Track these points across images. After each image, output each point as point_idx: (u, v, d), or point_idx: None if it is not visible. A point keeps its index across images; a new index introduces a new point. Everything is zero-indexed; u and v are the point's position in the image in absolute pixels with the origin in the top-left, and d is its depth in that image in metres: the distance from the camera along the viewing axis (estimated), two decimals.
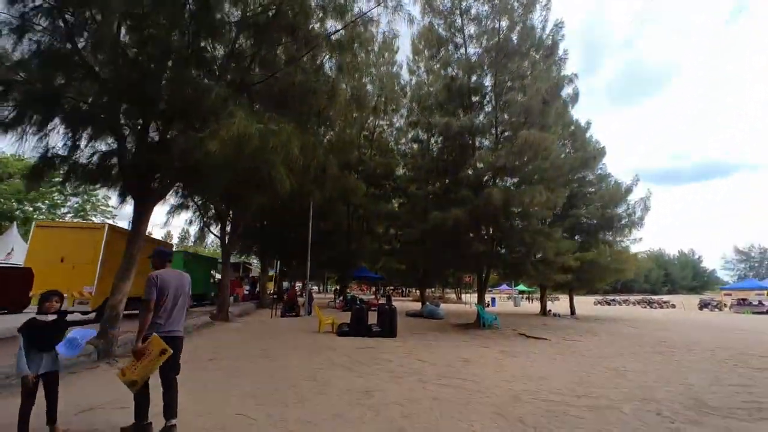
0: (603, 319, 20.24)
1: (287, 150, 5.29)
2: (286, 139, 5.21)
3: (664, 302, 37.33)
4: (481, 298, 13.19)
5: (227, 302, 12.74)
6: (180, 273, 3.75)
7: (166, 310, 3.42)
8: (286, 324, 12.79)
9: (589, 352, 8.78)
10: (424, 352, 7.99)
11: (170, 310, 3.45)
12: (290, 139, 5.26)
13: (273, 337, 9.66)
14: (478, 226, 11.69)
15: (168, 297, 3.43)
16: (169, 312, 3.45)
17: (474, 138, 13.00)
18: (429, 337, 10.45)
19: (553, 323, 16.09)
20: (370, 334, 10.18)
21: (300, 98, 7.36)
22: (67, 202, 34.33)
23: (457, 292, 44.17)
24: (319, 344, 8.64)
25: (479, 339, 10.38)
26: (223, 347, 7.86)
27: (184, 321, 3.65)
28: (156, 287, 3.36)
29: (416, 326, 13.22)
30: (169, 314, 3.44)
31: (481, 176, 11.33)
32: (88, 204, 35.38)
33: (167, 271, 3.63)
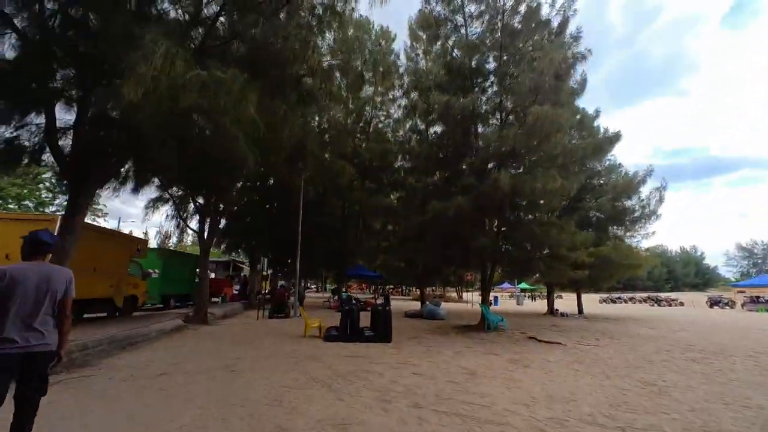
0: (613, 318, 19.05)
1: (240, 109, 4.10)
2: (238, 94, 4.02)
3: (672, 300, 36.15)
4: (486, 297, 12.00)
5: (205, 303, 11.55)
6: (51, 268, 2.55)
7: (16, 315, 2.25)
8: (272, 327, 11.60)
9: (612, 360, 7.59)
10: (421, 362, 6.80)
11: (24, 317, 2.28)
12: (244, 94, 4.07)
13: (250, 342, 8.47)
14: (483, 217, 10.49)
15: (17, 299, 2.26)
16: (23, 319, 2.28)
17: (476, 122, 11.78)
18: (428, 342, 9.26)
19: (562, 324, 14.90)
20: (361, 339, 9.00)
21: (270, 60, 6.13)
22: (55, 200, 33.26)
23: (458, 290, 42.98)
24: (300, 352, 7.45)
25: (485, 344, 9.19)
26: (184, 357, 6.67)
27: (53, 329, 2.46)
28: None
29: (414, 329, 12.03)
30: (22, 322, 2.27)
31: (485, 162, 10.11)
32: None
33: (27, 265, 2.44)
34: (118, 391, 4.66)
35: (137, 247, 11.77)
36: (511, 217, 10.51)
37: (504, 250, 10.10)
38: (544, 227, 9.71)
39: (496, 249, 10.20)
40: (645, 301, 40.83)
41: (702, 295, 50.49)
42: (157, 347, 7.58)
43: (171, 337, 8.91)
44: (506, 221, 10.62)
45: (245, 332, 10.23)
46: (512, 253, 10.36)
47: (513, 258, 10.73)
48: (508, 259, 11.17)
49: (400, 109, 23.35)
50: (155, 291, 14.57)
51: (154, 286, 14.60)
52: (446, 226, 10.18)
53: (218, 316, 13.20)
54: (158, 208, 13.95)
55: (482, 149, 9.59)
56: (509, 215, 10.53)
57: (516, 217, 10.50)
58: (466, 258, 12.06)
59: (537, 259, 10.78)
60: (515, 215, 10.55)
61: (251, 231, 19.34)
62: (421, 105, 17.03)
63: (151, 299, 14.57)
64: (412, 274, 23.75)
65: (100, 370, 5.66)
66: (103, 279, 10.07)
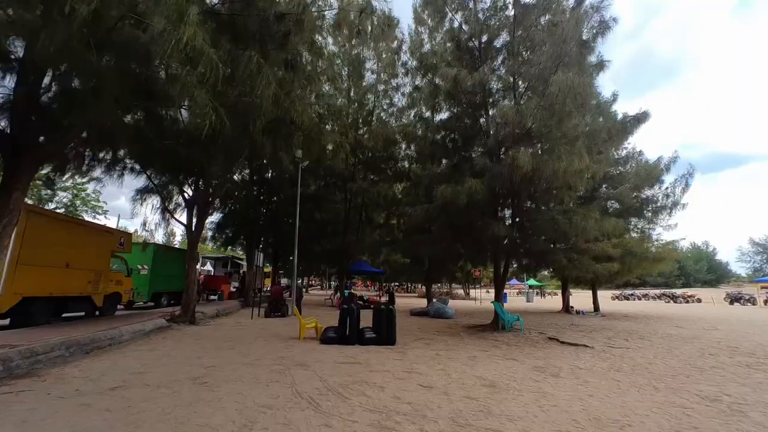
0: (634, 316, 17.86)
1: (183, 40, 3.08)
2: (176, 18, 3.00)
3: (689, 296, 34.67)
4: (499, 294, 10.91)
5: (193, 301, 10.62)
6: None
7: None
8: (266, 327, 10.64)
9: (654, 366, 6.50)
10: (430, 371, 5.77)
11: None
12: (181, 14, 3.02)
13: (236, 346, 7.50)
14: (498, 203, 9.40)
15: None
16: None
17: (487, 101, 10.67)
18: (437, 345, 8.23)
19: (581, 323, 13.77)
20: (361, 341, 8.01)
21: (255, 20, 5.12)
22: (54, 196, 32.74)
23: (465, 287, 41.86)
24: (290, 358, 6.46)
25: (501, 347, 8.13)
26: (152, 365, 5.71)
27: None
28: None
29: (421, 329, 11.00)
30: None
31: (500, 143, 8.97)
32: (78, 199, 33.82)
33: None
34: (49, 412, 3.69)
35: (119, 240, 10.86)
36: (529, 203, 9.39)
37: (520, 240, 8.99)
38: (567, 214, 8.59)
39: (512, 239, 9.10)
40: (659, 298, 39.34)
41: (716, 291, 48.87)
42: (126, 352, 6.63)
43: (148, 339, 7.97)
44: (523, 208, 9.50)
45: (234, 333, 9.28)
46: (530, 245, 9.26)
47: (530, 250, 9.62)
48: (525, 252, 10.06)
49: (404, 98, 22.25)
50: (145, 288, 13.70)
51: (144, 282, 13.74)
52: (456, 215, 9.11)
53: (209, 315, 12.28)
54: (146, 200, 13.02)
55: (498, 126, 8.46)
56: (527, 201, 9.43)
57: (535, 203, 9.37)
58: (478, 251, 11.00)
59: (558, 251, 9.67)
60: (533, 201, 9.43)
61: (248, 225, 18.41)
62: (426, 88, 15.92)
63: (140, 297, 13.71)
64: (417, 270, 22.72)
65: (43, 381, 4.71)
66: (78, 275, 9.16)
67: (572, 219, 8.42)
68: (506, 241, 9.25)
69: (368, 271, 22.69)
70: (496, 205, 9.78)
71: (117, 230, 11.19)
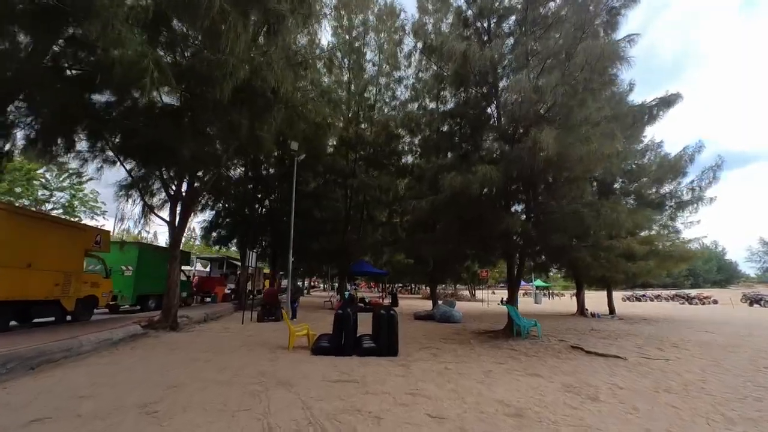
0: (654, 319, 16.68)
1: None
2: None
3: (704, 298, 33.31)
4: (513, 295, 9.83)
5: (175, 305, 9.65)
6: None
7: None
8: (255, 333, 9.65)
9: (708, 384, 5.41)
10: (439, 392, 4.73)
11: None
12: None
13: (213, 358, 6.50)
14: (511, 195, 8.35)
15: None
16: None
17: (498, 84, 9.64)
18: (445, 355, 7.18)
19: (601, 327, 12.64)
20: (359, 352, 6.99)
21: None
22: (52, 197, 32.07)
23: (471, 288, 40.70)
24: (272, 374, 5.44)
25: (520, 358, 7.06)
26: (104, 385, 4.72)
27: None
28: None
29: (426, 335, 9.95)
30: None
31: (514, 126, 7.89)
32: (76, 200, 33.10)
33: None
34: None
35: (95, 238, 9.90)
36: (549, 193, 8.31)
37: (537, 236, 7.90)
38: (592, 206, 7.52)
39: (528, 235, 8.02)
40: (672, 299, 38.00)
41: (727, 292, 47.46)
42: (81, 367, 5.64)
43: (115, 350, 6.98)
44: (540, 199, 8.43)
45: (217, 342, 8.28)
46: (548, 241, 8.14)
47: (548, 247, 8.53)
48: (542, 249, 8.98)
49: (407, 90, 21.26)
50: (129, 291, 12.76)
51: (128, 285, 12.80)
52: (465, 208, 8.06)
53: (195, 320, 11.31)
54: (131, 196, 12.09)
55: (513, 106, 7.38)
56: (544, 192, 8.36)
57: (553, 195, 8.29)
58: (486, 249, 9.94)
59: (581, 248, 8.59)
60: (552, 192, 8.34)
61: (243, 224, 17.46)
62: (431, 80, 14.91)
63: (124, 300, 12.77)
64: (421, 270, 21.67)
65: None
66: (43, 277, 8.21)
67: (600, 211, 7.35)
68: (521, 237, 8.19)
69: (370, 272, 21.68)
70: (510, 197, 8.73)
71: (92, 227, 10.27)
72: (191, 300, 17.40)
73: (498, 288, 56.80)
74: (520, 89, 6.87)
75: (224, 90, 5.08)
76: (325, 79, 18.40)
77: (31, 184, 29.40)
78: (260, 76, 5.53)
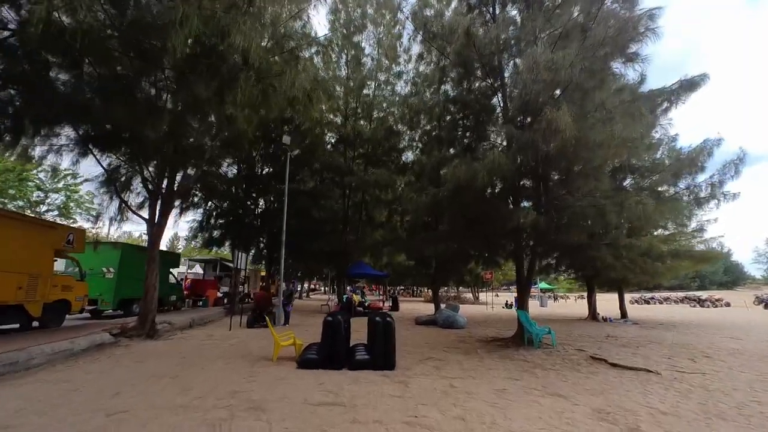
0: (672, 324, 15.73)
1: None
2: None
3: (716, 300, 32.21)
4: (524, 299, 8.93)
5: (152, 310, 8.81)
6: None
7: None
8: (240, 342, 8.80)
9: (766, 407, 4.51)
10: (443, 420, 3.87)
11: None
12: None
13: (182, 373, 5.64)
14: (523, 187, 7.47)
15: None
16: None
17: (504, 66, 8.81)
18: (449, 369, 6.30)
19: (617, 333, 11.71)
20: (351, 364, 6.13)
21: None
22: (47, 198, 31.41)
23: (474, 291, 39.72)
24: (246, 395, 4.58)
25: (536, 372, 6.17)
26: (33, 412, 3.87)
27: None
28: None
29: (428, 343, 9.07)
30: None
31: (525, 105, 6.99)
32: (71, 201, 32.40)
33: None
34: None
35: (67, 237, 9.08)
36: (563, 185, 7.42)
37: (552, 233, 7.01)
38: (614, 198, 6.64)
39: (541, 231, 7.13)
40: (682, 302, 36.90)
41: (736, 294, 46.30)
42: (20, 386, 4.80)
43: (73, 363, 6.14)
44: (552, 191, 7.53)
45: (195, 352, 7.42)
46: (564, 238, 7.23)
47: (564, 245, 7.62)
48: (556, 247, 8.08)
49: (407, 86, 20.46)
50: (110, 294, 11.94)
51: (109, 288, 11.98)
52: (470, 202, 7.19)
53: (178, 326, 10.46)
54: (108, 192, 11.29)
55: (525, 82, 6.52)
56: (560, 182, 7.47)
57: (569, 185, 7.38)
58: (495, 246, 9.05)
59: (600, 246, 7.72)
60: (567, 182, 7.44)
61: (236, 224, 16.64)
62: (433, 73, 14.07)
63: (105, 305, 11.95)
64: (423, 272, 20.78)
65: None
66: (2, 279, 7.39)
67: (624, 203, 6.48)
68: (534, 235, 7.32)
69: (369, 274, 20.79)
70: (519, 191, 7.83)
71: (63, 225, 9.47)
72: (181, 304, 16.58)
73: (501, 290, 55.81)
74: (532, 65, 6.01)
75: (176, 45, 4.22)
76: (321, 73, 17.64)
77: (24, 185, 28.74)
78: (219, 30, 4.70)
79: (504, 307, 27.76)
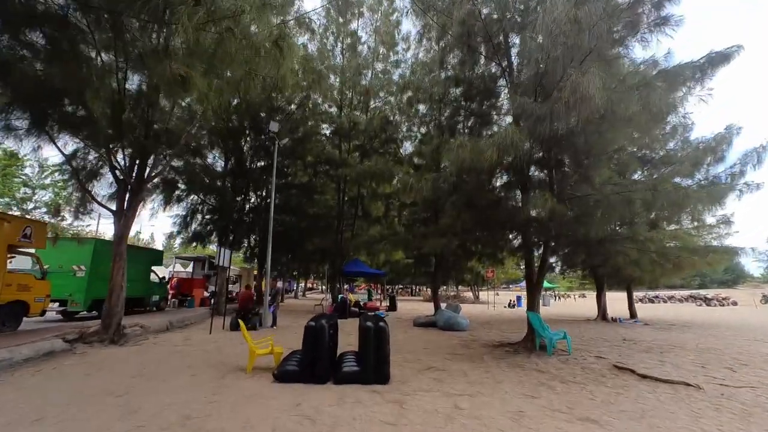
0: (683, 324, 14.86)
1: None
2: None
3: (723, 299, 31.39)
4: (535, 300, 7.99)
5: (118, 312, 7.86)
6: None
7: None
8: (217, 348, 7.85)
9: None
10: None
11: None
12: None
13: (132, 390, 4.69)
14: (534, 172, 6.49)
15: None
16: None
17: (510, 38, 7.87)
18: (452, 382, 5.36)
19: (633, 336, 10.81)
20: (337, 377, 5.19)
21: None
22: (34, 195, 30.33)
23: (475, 289, 38.81)
24: (200, 424, 3.64)
25: (555, 387, 5.23)
26: None
27: None
28: None
29: (427, 349, 8.14)
30: None
31: (534, 80, 6.03)
32: (59, 198, 31.33)
33: None
34: None
35: (23, 231, 8.11)
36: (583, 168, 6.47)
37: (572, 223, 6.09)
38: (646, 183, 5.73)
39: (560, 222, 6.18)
40: (686, 300, 36.10)
41: (736, 292, 45.65)
42: None
43: (9, 375, 5.18)
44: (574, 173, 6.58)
45: (161, 361, 6.47)
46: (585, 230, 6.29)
47: (585, 238, 6.64)
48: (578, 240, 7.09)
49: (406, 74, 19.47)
50: (80, 294, 10.97)
51: (79, 287, 11.02)
52: (476, 187, 6.25)
53: (153, 329, 9.49)
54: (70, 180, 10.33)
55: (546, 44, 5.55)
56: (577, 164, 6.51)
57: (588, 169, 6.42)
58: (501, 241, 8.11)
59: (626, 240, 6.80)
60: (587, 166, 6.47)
61: (222, 219, 15.66)
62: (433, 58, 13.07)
63: (75, 305, 10.99)
64: (422, 271, 19.85)
65: None
66: None
67: (656, 189, 5.55)
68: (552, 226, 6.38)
69: (366, 273, 19.85)
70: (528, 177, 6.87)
71: (18, 217, 8.52)
72: (165, 304, 15.63)
73: (502, 289, 54.90)
74: (551, 24, 5.06)
75: None
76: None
77: (9, 182, 27.68)
78: None
79: (506, 306, 26.85)
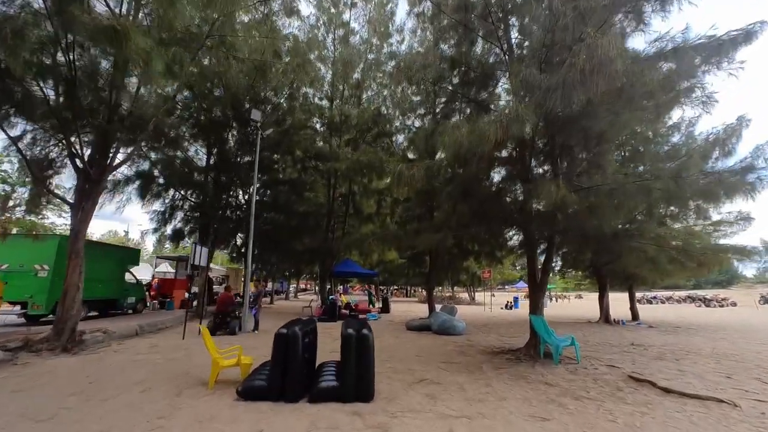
0: (688, 326, 14.23)
1: None
2: None
3: (722, 300, 30.99)
4: (538, 302, 7.24)
5: (72, 317, 6.99)
6: None
7: None
8: (185, 356, 7.02)
9: None
10: None
11: None
12: None
13: (69, 410, 3.87)
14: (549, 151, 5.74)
15: None
16: None
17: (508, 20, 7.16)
18: (448, 399, 4.58)
19: (641, 340, 10.14)
20: (312, 394, 4.40)
21: None
22: (13, 193, 29.11)
23: (470, 290, 38.11)
24: None
25: (566, 404, 4.47)
26: None
27: None
28: None
29: (420, 356, 7.36)
30: None
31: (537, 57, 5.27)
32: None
33: None
34: None
35: None
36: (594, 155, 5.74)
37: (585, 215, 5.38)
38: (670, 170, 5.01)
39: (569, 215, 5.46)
40: (684, 301, 35.71)
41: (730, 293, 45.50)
42: None
43: None
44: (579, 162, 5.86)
45: (114, 372, 5.63)
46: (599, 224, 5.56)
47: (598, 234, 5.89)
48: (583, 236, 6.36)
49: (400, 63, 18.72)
50: (42, 296, 10.07)
51: (42, 288, 10.12)
52: (475, 175, 5.50)
53: (119, 335, 8.62)
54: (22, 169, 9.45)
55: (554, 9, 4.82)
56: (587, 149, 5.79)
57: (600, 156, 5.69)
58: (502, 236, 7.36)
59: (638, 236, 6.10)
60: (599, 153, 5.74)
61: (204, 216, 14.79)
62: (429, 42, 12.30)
63: (36, 308, 10.08)
64: (416, 271, 19.08)
65: None
66: None
67: (680, 176, 4.85)
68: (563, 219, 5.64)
69: (358, 273, 19.06)
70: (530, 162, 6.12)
71: None
72: (143, 306, 14.70)
73: (498, 290, 54.31)
74: None
75: None
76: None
77: None
78: None
79: (503, 308, 26.16)
